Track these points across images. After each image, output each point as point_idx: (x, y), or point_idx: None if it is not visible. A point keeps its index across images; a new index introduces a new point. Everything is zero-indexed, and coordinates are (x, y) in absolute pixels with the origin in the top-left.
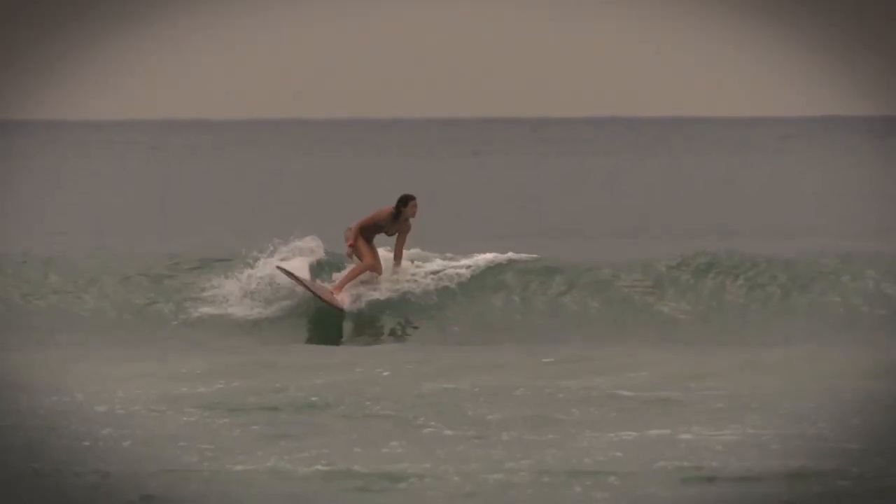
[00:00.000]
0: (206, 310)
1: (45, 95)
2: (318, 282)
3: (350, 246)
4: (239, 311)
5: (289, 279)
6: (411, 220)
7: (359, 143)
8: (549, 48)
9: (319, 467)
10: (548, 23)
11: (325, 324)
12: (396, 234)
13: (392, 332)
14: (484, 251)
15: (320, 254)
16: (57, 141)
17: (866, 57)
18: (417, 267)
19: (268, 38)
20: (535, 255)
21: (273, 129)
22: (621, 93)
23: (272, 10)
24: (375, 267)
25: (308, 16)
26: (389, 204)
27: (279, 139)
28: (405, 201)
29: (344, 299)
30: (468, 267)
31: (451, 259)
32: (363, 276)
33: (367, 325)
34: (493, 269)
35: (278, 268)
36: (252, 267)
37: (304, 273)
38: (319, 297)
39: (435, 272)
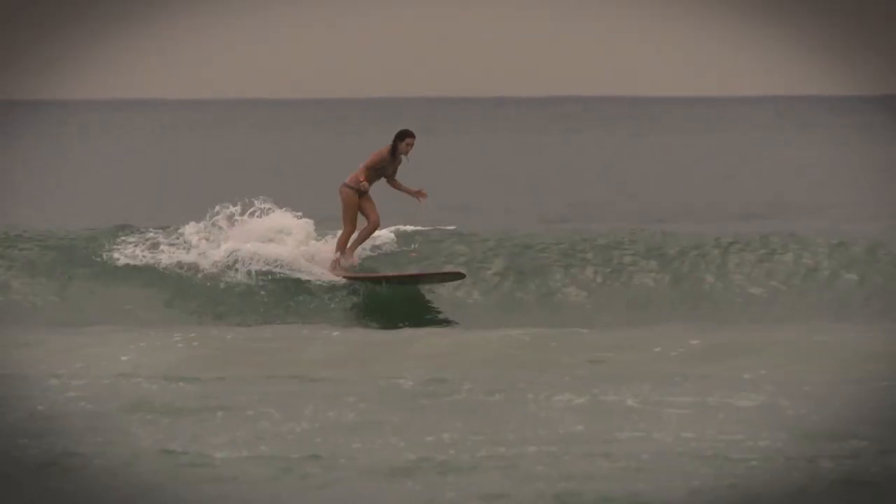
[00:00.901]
0: (164, 280)
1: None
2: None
3: (362, 181)
4: (195, 281)
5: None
6: (404, 159)
7: (339, 122)
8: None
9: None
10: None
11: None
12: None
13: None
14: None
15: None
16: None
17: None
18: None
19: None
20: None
21: (236, 109)
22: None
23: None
24: (378, 223)
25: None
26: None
27: (237, 118)
28: (402, 136)
29: (355, 261)
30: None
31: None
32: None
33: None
34: (441, 241)
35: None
36: (209, 238)
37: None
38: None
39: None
